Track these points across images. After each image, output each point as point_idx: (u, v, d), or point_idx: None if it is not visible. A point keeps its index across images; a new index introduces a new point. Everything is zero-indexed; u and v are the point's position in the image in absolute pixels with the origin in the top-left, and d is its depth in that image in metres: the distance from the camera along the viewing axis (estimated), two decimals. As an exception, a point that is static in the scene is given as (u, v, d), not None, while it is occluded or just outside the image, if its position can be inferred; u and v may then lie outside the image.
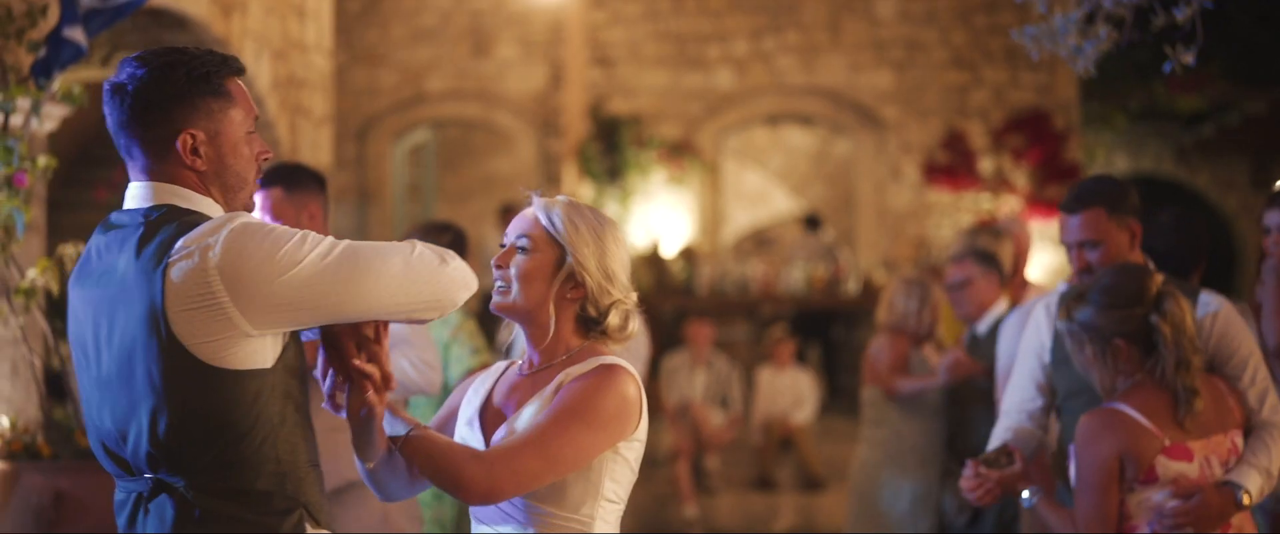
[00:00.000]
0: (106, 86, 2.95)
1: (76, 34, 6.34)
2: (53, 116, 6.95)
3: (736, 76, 15.71)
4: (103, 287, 2.94)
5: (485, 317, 9.55)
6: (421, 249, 2.96)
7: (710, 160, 15.71)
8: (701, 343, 11.68)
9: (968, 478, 4.44)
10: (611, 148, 15.30)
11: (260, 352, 2.86)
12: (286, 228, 2.87)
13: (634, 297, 3.28)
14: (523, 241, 3.20)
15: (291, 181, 5.26)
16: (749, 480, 11.75)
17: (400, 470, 3.14)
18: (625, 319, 3.26)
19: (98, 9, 6.42)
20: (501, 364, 3.39)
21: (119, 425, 2.93)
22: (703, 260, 15.28)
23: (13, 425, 6.49)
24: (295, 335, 2.99)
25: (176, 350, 2.81)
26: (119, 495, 3.00)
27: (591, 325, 3.23)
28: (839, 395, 14.49)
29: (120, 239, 2.93)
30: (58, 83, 6.51)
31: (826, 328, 15.28)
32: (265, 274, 2.79)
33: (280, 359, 2.91)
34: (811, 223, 16.06)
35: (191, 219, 2.88)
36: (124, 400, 2.91)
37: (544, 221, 3.21)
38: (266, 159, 3.09)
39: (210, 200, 2.98)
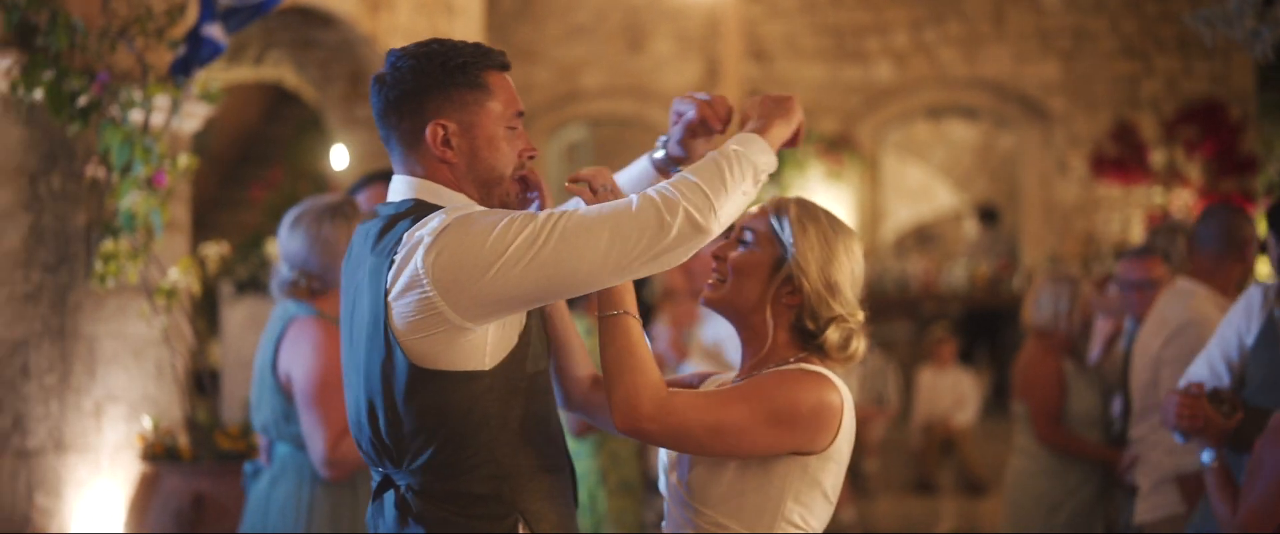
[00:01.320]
0: (373, 77, 3.02)
1: (215, 31, 6.28)
2: (196, 115, 6.92)
3: (896, 69, 15.34)
4: (355, 276, 2.99)
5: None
6: (640, 209, 2.78)
7: (869, 155, 15.36)
8: (853, 338, 11.38)
9: (1186, 397, 4.18)
10: (768, 143, 15.01)
11: (478, 350, 2.83)
12: (496, 214, 2.78)
13: (860, 316, 3.04)
14: (746, 235, 3.05)
15: None
16: (909, 483, 11.45)
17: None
18: (847, 338, 3.02)
19: (236, 7, 6.35)
20: (726, 374, 3.24)
21: (356, 415, 2.98)
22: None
23: (155, 427, 6.47)
24: (533, 335, 2.94)
25: (393, 347, 2.83)
26: (373, 483, 3.05)
27: (808, 338, 3.01)
28: (1005, 396, 14.05)
29: (368, 230, 2.99)
30: (198, 81, 6.46)
31: (994, 327, 14.79)
32: (473, 270, 2.73)
33: (506, 360, 2.87)
34: (988, 216, 15.50)
35: (426, 213, 2.88)
36: (360, 391, 2.94)
37: (771, 217, 3.04)
38: (531, 157, 3.01)
39: (463, 196, 2.97)
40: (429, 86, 2.93)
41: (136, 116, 6.19)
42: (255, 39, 10.07)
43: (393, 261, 2.83)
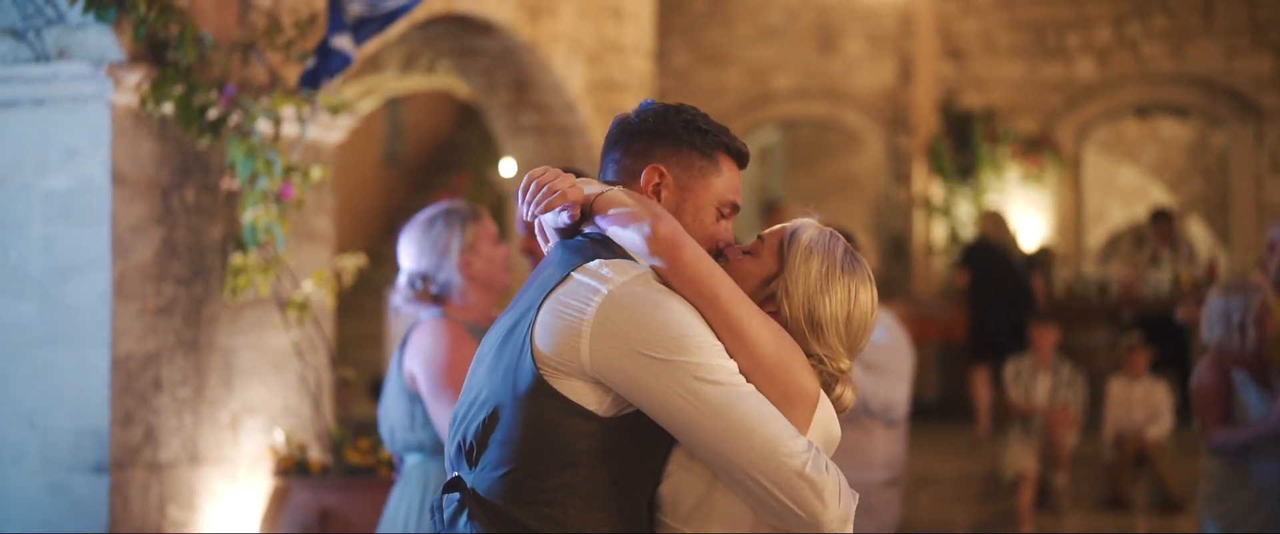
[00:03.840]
0: (618, 115, 3.06)
1: (344, 42, 6.26)
2: (338, 127, 6.91)
3: (1098, 66, 14.75)
4: (526, 291, 2.91)
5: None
6: (796, 438, 2.68)
7: (1070, 155, 14.80)
8: (1046, 347, 10.96)
9: None
10: (963, 144, 14.60)
11: (594, 393, 2.74)
12: (696, 321, 2.72)
13: (844, 365, 2.89)
14: (756, 240, 2.96)
15: None
16: (1099, 500, 10.93)
17: None
18: (827, 383, 2.88)
19: (367, 17, 6.32)
20: None
21: (460, 410, 2.90)
22: (1060, 262, 14.40)
23: (288, 440, 6.47)
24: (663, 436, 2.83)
25: (526, 346, 2.76)
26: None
27: None
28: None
29: (561, 250, 2.93)
30: (326, 92, 6.45)
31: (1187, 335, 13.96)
32: (634, 343, 2.67)
33: (619, 421, 2.76)
34: (1160, 217, 14.65)
35: (610, 251, 2.84)
36: (475, 387, 2.87)
37: (786, 233, 2.93)
38: (726, 246, 2.96)
39: None
40: (666, 134, 2.94)
41: (266, 129, 6.19)
42: (423, 46, 10.09)
43: (569, 275, 2.77)
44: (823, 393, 2.83)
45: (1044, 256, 14.35)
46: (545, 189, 2.88)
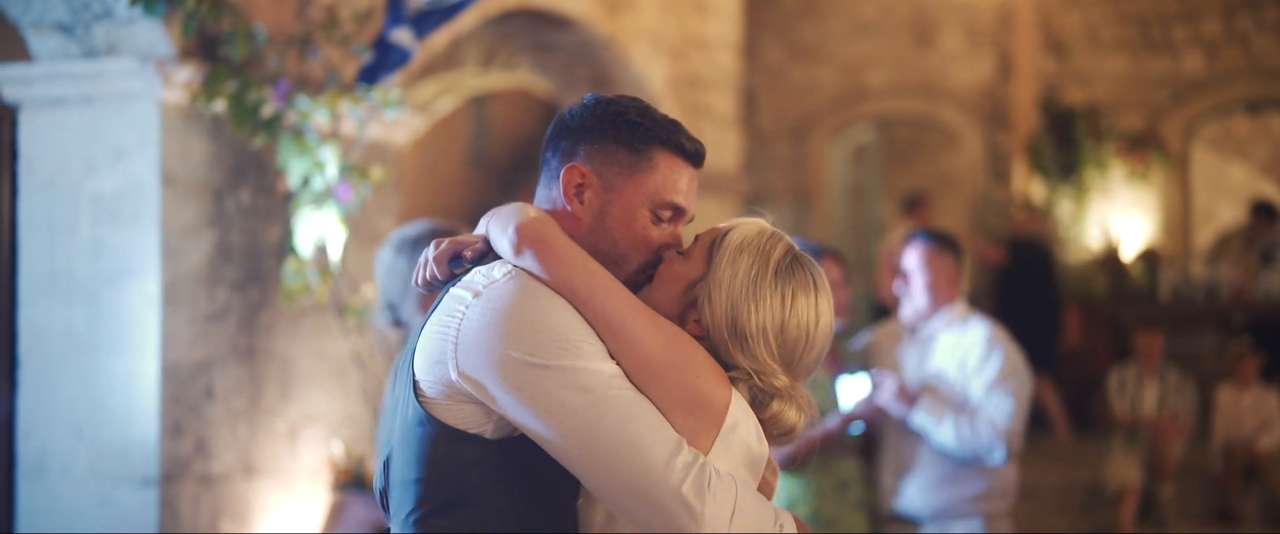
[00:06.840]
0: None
1: (404, 37, 6.00)
2: (406, 126, 6.66)
3: (1207, 60, 14.19)
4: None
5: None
6: (680, 450, 2.37)
7: (1177, 153, 14.26)
8: (1152, 354, 10.49)
9: None
10: (1065, 141, 14.12)
11: (477, 416, 2.45)
12: (573, 321, 2.43)
13: (780, 381, 2.55)
14: (686, 245, 2.66)
15: None
16: (1206, 512, 10.46)
17: None
18: (760, 401, 2.56)
19: (429, 11, 6.05)
20: None
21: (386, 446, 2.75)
22: (1166, 263, 13.86)
23: (347, 452, 6.22)
24: None
25: (409, 379, 2.55)
26: None
27: None
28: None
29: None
30: (386, 89, 6.17)
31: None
32: (504, 339, 2.41)
33: (518, 439, 2.46)
34: (1264, 212, 13.94)
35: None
36: (388, 425, 2.63)
37: (719, 232, 2.63)
38: (669, 251, 2.64)
39: None
40: (591, 129, 2.65)
41: (322, 128, 5.94)
42: (503, 44, 9.84)
43: (452, 288, 2.53)
44: (743, 403, 2.51)
45: (1151, 257, 13.86)
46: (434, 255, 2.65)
